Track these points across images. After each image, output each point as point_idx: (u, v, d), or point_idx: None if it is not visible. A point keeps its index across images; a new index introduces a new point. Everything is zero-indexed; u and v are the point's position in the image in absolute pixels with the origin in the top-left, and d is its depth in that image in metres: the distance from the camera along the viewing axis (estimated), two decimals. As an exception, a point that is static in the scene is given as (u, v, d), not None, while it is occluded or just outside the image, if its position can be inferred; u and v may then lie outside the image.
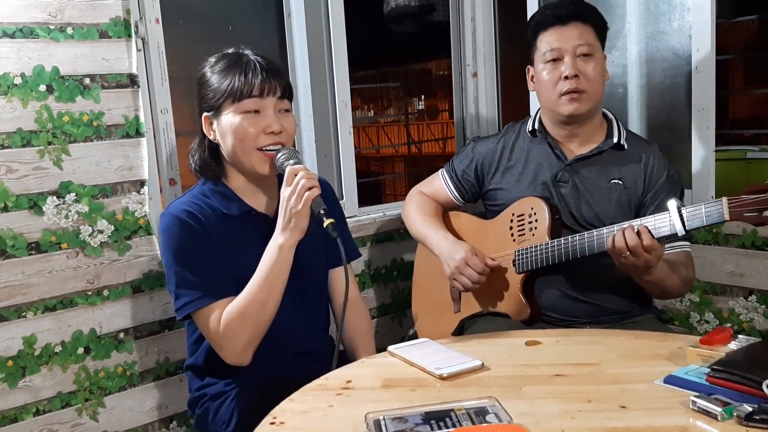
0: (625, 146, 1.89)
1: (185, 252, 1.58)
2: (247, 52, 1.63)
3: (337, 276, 1.82)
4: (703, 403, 1.10)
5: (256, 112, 1.57)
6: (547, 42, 1.86)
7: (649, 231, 1.56)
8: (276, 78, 1.58)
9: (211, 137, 1.63)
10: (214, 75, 1.60)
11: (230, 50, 1.65)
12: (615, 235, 1.59)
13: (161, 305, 2.09)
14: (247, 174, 1.64)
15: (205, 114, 1.62)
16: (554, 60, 1.84)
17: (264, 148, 1.58)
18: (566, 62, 1.82)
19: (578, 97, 1.82)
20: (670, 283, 1.73)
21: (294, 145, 1.67)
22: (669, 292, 1.80)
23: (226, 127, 1.58)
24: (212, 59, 1.64)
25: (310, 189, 1.50)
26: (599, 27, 1.89)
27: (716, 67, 2.31)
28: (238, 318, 1.54)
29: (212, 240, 1.59)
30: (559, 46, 1.83)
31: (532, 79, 1.95)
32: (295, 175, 1.51)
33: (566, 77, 1.82)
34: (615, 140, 1.88)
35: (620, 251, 1.58)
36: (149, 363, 2.09)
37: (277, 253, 1.54)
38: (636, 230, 1.57)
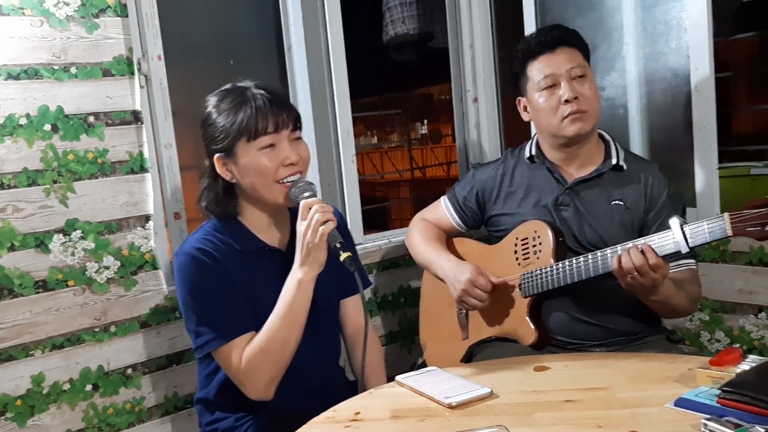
0: (624, 167, 1.89)
1: (202, 290, 1.57)
2: (249, 84, 1.61)
3: (349, 306, 1.82)
4: (714, 425, 1.09)
5: (272, 146, 1.56)
6: (539, 70, 1.86)
7: (653, 250, 1.56)
8: (286, 110, 1.58)
9: (227, 177, 1.61)
10: (221, 115, 1.58)
11: (229, 86, 1.63)
12: (620, 255, 1.59)
13: (168, 340, 2.09)
14: (265, 207, 1.64)
15: (217, 155, 1.61)
16: (550, 86, 1.85)
17: (283, 180, 1.58)
18: (563, 86, 1.83)
19: (581, 117, 1.83)
20: (677, 302, 1.72)
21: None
22: (676, 311, 1.79)
23: (244, 166, 1.57)
24: (213, 98, 1.62)
25: (324, 223, 1.50)
26: (584, 49, 1.91)
27: (718, 84, 2.31)
28: (259, 355, 1.54)
29: (228, 276, 1.58)
30: (552, 72, 1.84)
31: (525, 110, 1.96)
32: (310, 209, 1.52)
33: (566, 101, 1.82)
34: (614, 161, 1.89)
35: (627, 272, 1.57)
36: (158, 398, 2.08)
37: (296, 288, 1.54)
38: (640, 249, 1.56)
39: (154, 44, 2.09)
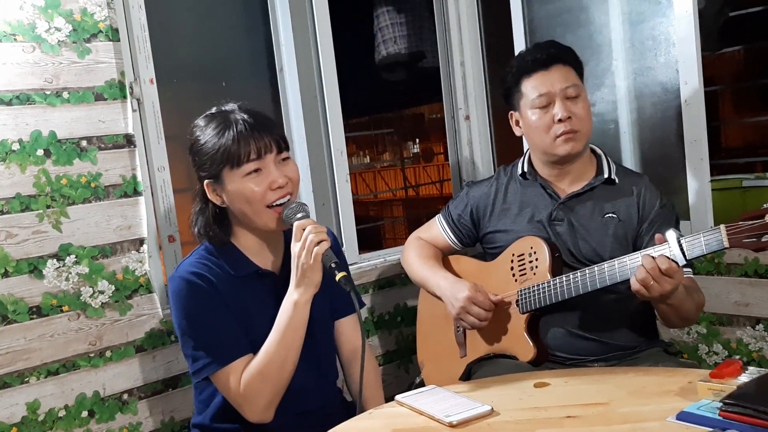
0: (616, 180, 1.90)
1: (198, 314, 1.57)
2: (233, 107, 1.61)
3: (344, 326, 1.81)
4: (717, 439, 1.09)
5: (257, 170, 1.55)
6: (533, 87, 1.86)
7: (667, 257, 1.54)
8: (268, 134, 1.56)
9: (218, 202, 1.61)
10: (206, 142, 1.57)
11: (214, 110, 1.63)
12: (636, 274, 1.56)
13: (164, 364, 2.07)
14: (257, 231, 1.63)
15: (206, 182, 1.60)
16: (544, 106, 1.85)
17: (273, 204, 1.57)
18: (557, 105, 1.83)
19: (573, 137, 1.83)
20: (688, 308, 1.72)
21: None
22: (686, 318, 1.77)
23: (231, 192, 1.57)
24: (201, 122, 1.62)
25: (319, 243, 1.50)
26: (578, 66, 1.91)
27: (705, 99, 2.33)
28: (258, 378, 1.53)
29: (223, 299, 1.58)
30: (547, 90, 1.84)
31: (517, 124, 1.96)
32: (303, 230, 1.51)
33: (560, 120, 1.82)
34: (606, 175, 1.90)
35: (643, 281, 1.54)
36: (154, 423, 2.06)
37: (292, 309, 1.53)
38: (653, 257, 1.54)
39: (145, 68, 2.09)
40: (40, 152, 1.87)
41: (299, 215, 1.55)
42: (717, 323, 2.37)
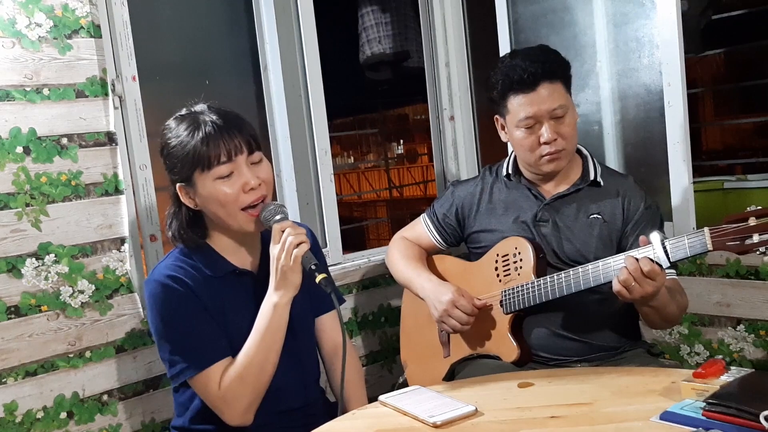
0: (602, 182, 1.90)
1: (175, 317, 1.54)
2: (203, 108, 1.57)
3: (325, 323, 1.80)
4: (701, 438, 1.09)
5: (230, 173, 1.52)
6: (519, 106, 1.81)
7: (651, 259, 1.54)
8: (239, 135, 1.52)
9: (191, 205, 1.58)
10: (176, 144, 1.53)
11: (184, 111, 1.59)
12: (618, 276, 1.56)
13: (145, 364, 2.05)
14: (233, 233, 1.61)
15: (179, 185, 1.57)
16: (530, 126, 1.81)
17: (248, 207, 1.54)
18: (544, 128, 1.80)
19: (558, 156, 1.83)
20: (671, 310, 1.72)
21: (275, 191, 1.64)
22: (669, 320, 1.77)
23: (204, 195, 1.53)
24: (171, 124, 1.57)
25: (298, 245, 1.48)
26: (566, 76, 1.86)
27: (687, 101, 2.34)
28: (237, 380, 1.51)
29: (201, 301, 1.56)
30: (533, 113, 1.80)
31: (503, 129, 1.93)
32: (282, 232, 1.50)
33: (546, 142, 1.81)
34: (591, 178, 1.90)
35: (624, 282, 1.55)
36: (135, 425, 2.04)
37: (272, 312, 1.52)
38: (636, 259, 1.55)
39: (128, 65, 2.06)
40: (19, 149, 1.84)
41: (278, 217, 1.53)
42: (699, 324, 2.39)
